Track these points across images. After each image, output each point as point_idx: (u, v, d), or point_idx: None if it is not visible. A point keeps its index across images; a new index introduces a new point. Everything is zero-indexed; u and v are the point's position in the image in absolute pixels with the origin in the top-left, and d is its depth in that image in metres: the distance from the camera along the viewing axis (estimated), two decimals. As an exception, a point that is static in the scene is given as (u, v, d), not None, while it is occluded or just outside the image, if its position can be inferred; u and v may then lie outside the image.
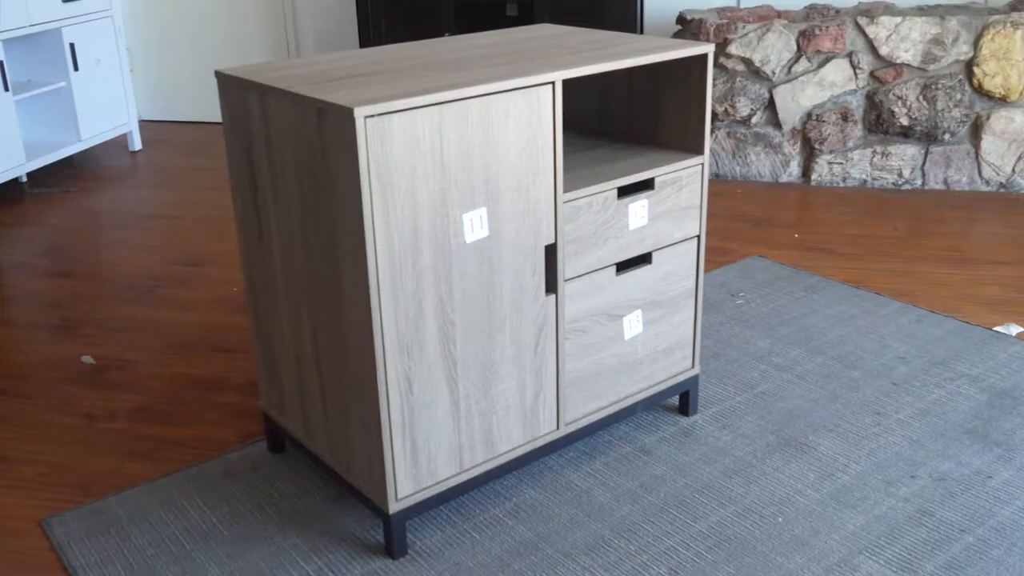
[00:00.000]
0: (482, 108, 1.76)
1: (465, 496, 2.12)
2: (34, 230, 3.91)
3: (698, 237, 2.24)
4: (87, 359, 2.79)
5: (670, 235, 2.18)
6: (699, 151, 2.18)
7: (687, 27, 4.18)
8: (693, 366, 2.36)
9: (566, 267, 2.01)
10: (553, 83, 1.86)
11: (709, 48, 2.10)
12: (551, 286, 2.00)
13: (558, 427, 2.12)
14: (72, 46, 4.44)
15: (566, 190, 1.96)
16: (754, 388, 2.52)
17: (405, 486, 1.90)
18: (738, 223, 3.71)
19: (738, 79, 4.09)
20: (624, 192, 2.07)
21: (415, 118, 1.68)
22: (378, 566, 1.92)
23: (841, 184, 4.11)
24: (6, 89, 4.06)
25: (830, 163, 4.08)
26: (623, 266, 2.13)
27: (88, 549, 1.99)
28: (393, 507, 1.90)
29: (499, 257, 1.89)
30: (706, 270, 3.28)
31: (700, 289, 2.29)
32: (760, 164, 4.17)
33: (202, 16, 5.30)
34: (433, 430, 1.90)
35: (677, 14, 4.35)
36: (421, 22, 4.48)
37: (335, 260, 1.80)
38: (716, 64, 4.13)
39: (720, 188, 4.13)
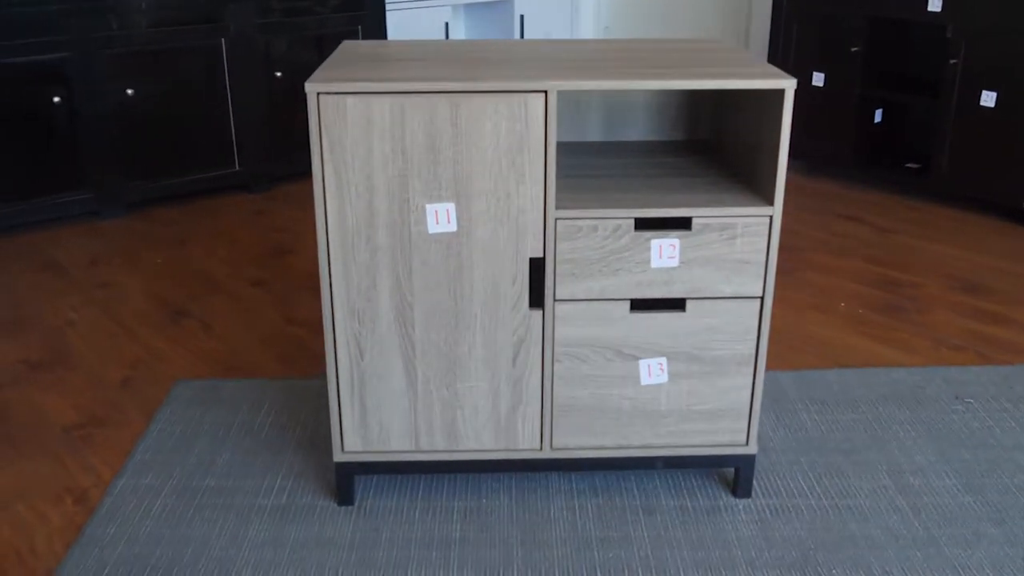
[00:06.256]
0: (451, 106, 1.78)
1: (444, 479, 2.17)
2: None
3: (760, 299, 1.95)
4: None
5: (714, 287, 1.93)
6: (768, 201, 1.88)
7: None
8: (747, 443, 2.06)
9: (558, 286, 1.92)
10: (546, 92, 1.79)
11: (789, 84, 1.80)
12: (537, 301, 1.93)
13: (542, 447, 2.05)
14: (522, 17, 4.98)
15: (562, 206, 1.88)
16: (845, 499, 2.11)
17: (352, 442, 2.03)
18: (1080, 326, 2.93)
19: None
20: (646, 224, 1.90)
21: (370, 102, 1.78)
22: (321, 504, 2.09)
23: None
24: (445, 47, 4.73)
25: None
26: (644, 304, 1.96)
27: (170, 412, 2.45)
28: (338, 456, 2.04)
29: (469, 255, 1.89)
30: (976, 363, 2.69)
31: (762, 358, 1.99)
32: None
33: None
34: (385, 401, 2.00)
35: None
36: (830, 41, 4.17)
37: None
38: None
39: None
